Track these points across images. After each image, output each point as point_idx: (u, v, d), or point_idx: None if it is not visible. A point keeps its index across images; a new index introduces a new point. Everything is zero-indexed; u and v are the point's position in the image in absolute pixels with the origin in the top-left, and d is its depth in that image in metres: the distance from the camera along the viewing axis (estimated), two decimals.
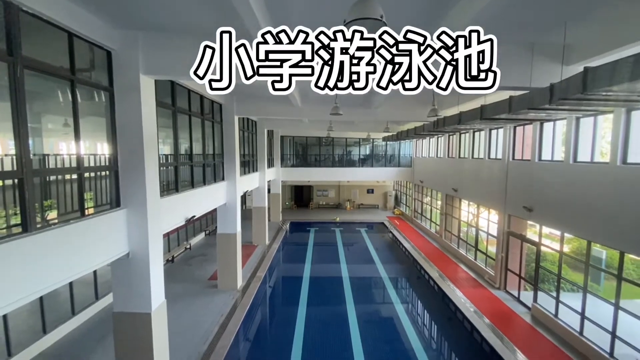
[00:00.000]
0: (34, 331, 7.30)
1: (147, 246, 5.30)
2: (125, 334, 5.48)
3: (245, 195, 22.63)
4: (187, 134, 7.99)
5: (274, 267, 14.21)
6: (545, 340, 7.93)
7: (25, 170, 3.58)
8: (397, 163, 23.93)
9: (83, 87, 4.70)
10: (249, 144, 14.73)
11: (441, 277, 12.15)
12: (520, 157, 10.53)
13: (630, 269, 11.07)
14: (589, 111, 6.91)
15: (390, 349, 8.40)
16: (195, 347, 7.55)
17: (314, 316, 9.92)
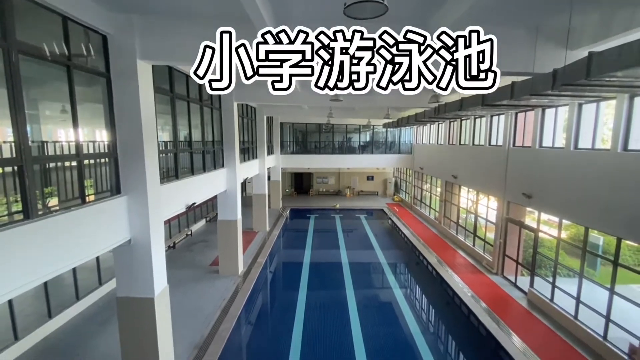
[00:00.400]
0: (39, 315, 7.45)
1: (148, 233, 5.34)
2: (129, 318, 5.60)
3: (245, 183, 22.68)
4: (185, 121, 7.93)
5: (275, 253, 14.38)
6: (540, 324, 8.11)
7: (24, 157, 3.57)
8: (397, 150, 23.85)
9: (79, 72, 4.62)
10: (248, 130, 14.64)
11: (439, 262, 12.31)
12: (521, 144, 10.50)
13: (626, 255, 11.21)
14: (592, 97, 6.86)
15: (389, 332, 8.60)
16: (198, 330, 7.72)
17: (314, 301, 10.11)
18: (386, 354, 7.62)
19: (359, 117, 19.83)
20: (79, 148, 4.48)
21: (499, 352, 7.30)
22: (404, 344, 8.03)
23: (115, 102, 5.11)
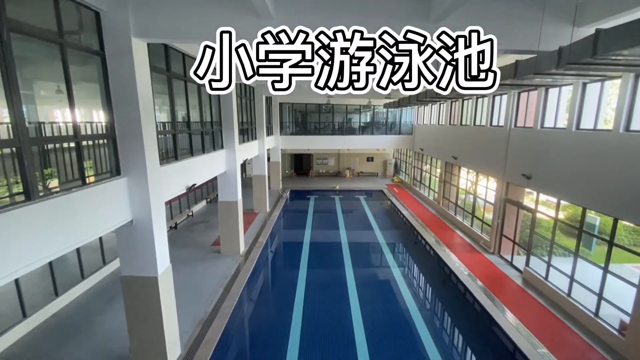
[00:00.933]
0: (46, 294, 7.64)
1: (149, 213, 5.39)
2: (134, 297, 5.74)
3: (245, 164, 22.64)
4: (183, 101, 7.82)
5: (275, 234, 14.57)
6: (533, 301, 8.34)
7: (22, 139, 3.55)
8: (397, 131, 23.64)
9: (73, 51, 4.51)
10: (247, 111, 14.46)
11: (437, 242, 12.51)
12: (523, 125, 10.41)
13: (622, 235, 11.38)
14: (597, 76, 6.73)
15: (387, 309, 8.86)
16: (202, 307, 7.94)
17: (314, 279, 10.35)
18: (384, 329, 7.88)
19: (360, 97, 19.53)
20: (76, 129, 4.44)
21: (492, 328, 7.56)
22: (401, 320, 8.29)
23: (111, 81, 5.01)
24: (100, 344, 6.60)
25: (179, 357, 6.28)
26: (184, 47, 7.48)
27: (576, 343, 6.74)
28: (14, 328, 6.67)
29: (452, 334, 8.19)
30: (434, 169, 18.50)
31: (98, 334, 6.92)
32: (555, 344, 6.63)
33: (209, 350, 6.47)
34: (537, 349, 6.48)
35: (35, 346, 6.55)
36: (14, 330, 6.67)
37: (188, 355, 6.33)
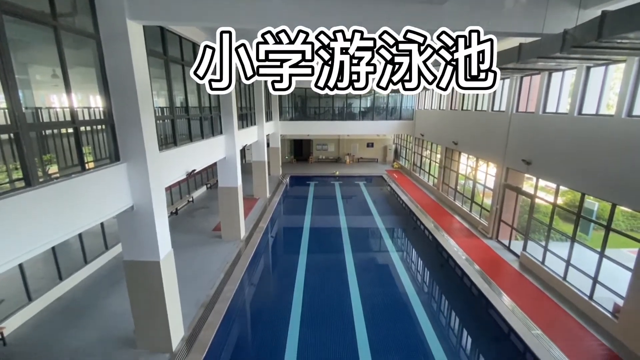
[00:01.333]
0: (50, 278, 7.77)
1: (150, 199, 5.41)
2: (137, 280, 5.84)
3: (245, 150, 22.55)
4: (181, 86, 7.71)
5: (275, 219, 14.68)
6: (530, 285, 8.50)
7: (19, 124, 3.52)
8: (398, 116, 23.43)
9: (68, 34, 4.41)
10: (246, 96, 14.29)
11: (436, 227, 12.62)
12: (525, 110, 10.32)
13: (619, 220, 11.47)
14: (601, 60, 6.62)
15: (386, 292, 9.03)
16: (204, 291, 8.10)
17: (314, 263, 10.50)
18: (383, 312, 8.05)
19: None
20: (74, 114, 4.40)
21: (489, 311, 7.73)
22: (399, 303, 8.46)
23: (107, 66, 4.93)
24: (106, 326, 6.77)
25: (183, 338, 6.45)
26: (180, 29, 7.32)
27: (570, 325, 6.91)
28: (21, 311, 6.83)
29: (449, 317, 8.38)
30: (434, 155, 18.46)
31: (103, 317, 7.08)
32: (549, 326, 6.80)
33: (212, 332, 6.64)
34: (532, 331, 6.65)
35: (42, 328, 6.71)
36: (21, 312, 6.82)
37: (191, 336, 6.50)
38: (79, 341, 6.34)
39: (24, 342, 6.32)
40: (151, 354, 6.02)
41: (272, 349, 6.76)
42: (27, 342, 6.32)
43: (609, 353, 6.15)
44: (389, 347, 6.81)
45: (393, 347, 6.80)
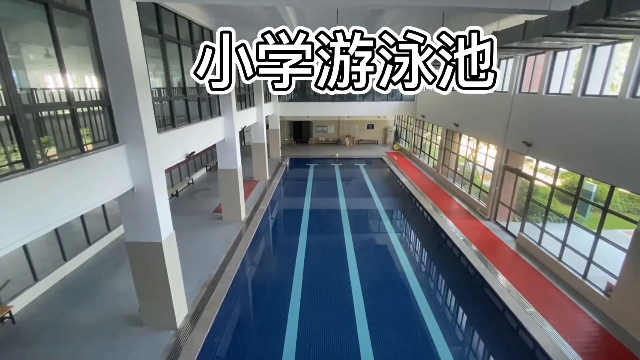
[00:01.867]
0: (55, 259, 7.91)
1: (150, 181, 5.42)
2: (140, 261, 5.95)
3: (244, 131, 22.36)
4: (178, 66, 7.56)
5: (275, 201, 14.77)
6: (525, 264, 8.67)
7: (15, 106, 3.48)
8: (399, 97, 23.09)
9: (59, 11, 4.27)
10: None
11: (435, 209, 12.72)
12: (527, 90, 10.16)
13: (617, 202, 11.56)
14: (608, 39, 6.46)
15: (384, 271, 9.22)
16: (206, 271, 8.26)
17: (314, 244, 10.66)
18: (380, 290, 8.26)
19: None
20: (70, 95, 4.33)
21: (484, 289, 7.92)
22: (397, 282, 8.66)
23: (101, 44, 4.80)
24: (112, 305, 6.95)
25: (187, 315, 6.64)
26: (175, 6, 7.09)
27: (563, 303, 7.10)
28: (27, 290, 6.99)
29: (445, 295, 8.60)
30: (435, 137, 18.34)
31: (109, 296, 7.26)
32: (543, 304, 6.99)
33: (214, 310, 6.82)
34: (526, 309, 6.84)
35: (48, 307, 6.89)
36: (27, 292, 6.99)
37: (195, 314, 6.69)
38: (86, 319, 6.54)
39: (32, 320, 6.51)
40: (157, 331, 6.22)
41: (274, 325, 6.97)
42: (36, 320, 6.51)
43: (599, 329, 6.36)
44: (385, 321, 7.02)
45: (390, 322, 7.01)
